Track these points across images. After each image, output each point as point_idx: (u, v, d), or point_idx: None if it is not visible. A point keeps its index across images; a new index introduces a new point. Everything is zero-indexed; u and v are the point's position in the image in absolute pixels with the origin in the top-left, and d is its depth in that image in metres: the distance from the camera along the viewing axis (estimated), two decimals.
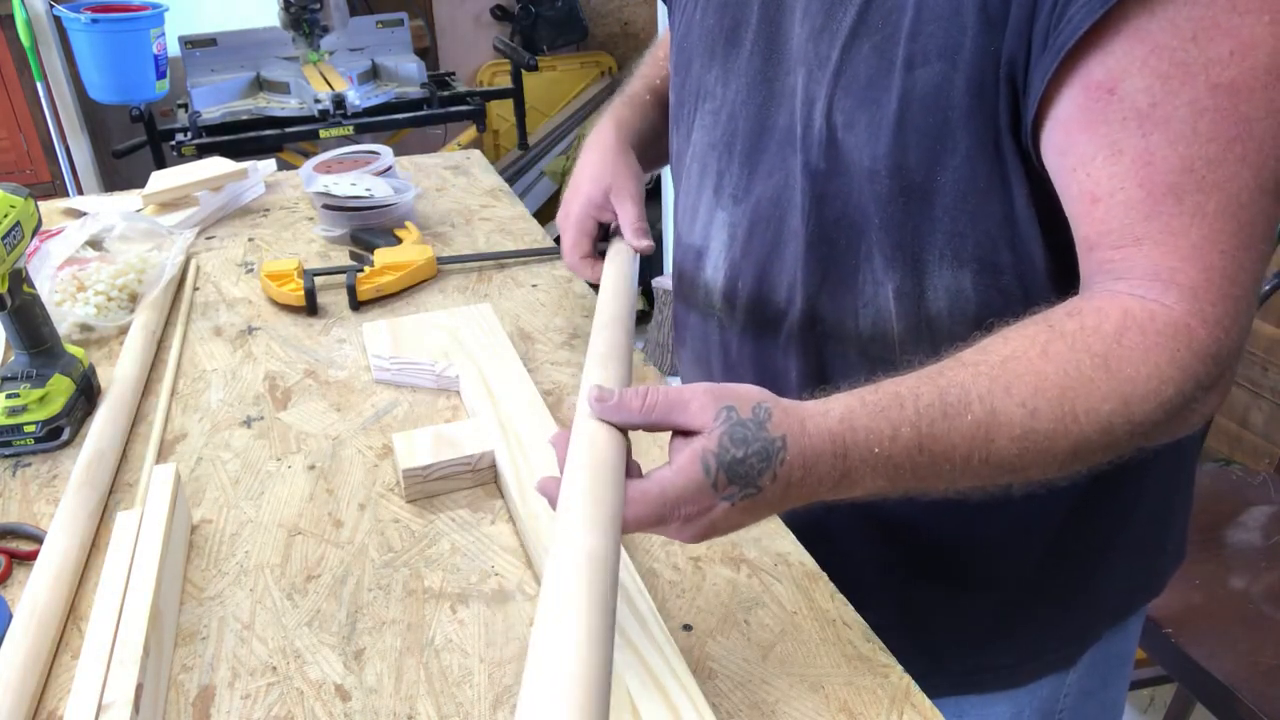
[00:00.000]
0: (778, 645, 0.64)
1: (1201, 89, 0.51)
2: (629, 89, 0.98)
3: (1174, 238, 0.53)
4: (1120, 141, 0.53)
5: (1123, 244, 0.55)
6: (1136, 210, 0.54)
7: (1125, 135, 0.53)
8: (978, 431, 0.52)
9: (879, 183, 0.63)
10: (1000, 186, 0.60)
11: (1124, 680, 0.88)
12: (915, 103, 0.60)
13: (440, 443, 0.79)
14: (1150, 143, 0.52)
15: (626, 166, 0.88)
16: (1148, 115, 0.52)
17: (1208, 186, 0.52)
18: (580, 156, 0.91)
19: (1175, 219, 0.53)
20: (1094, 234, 0.56)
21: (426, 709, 0.60)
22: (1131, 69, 0.52)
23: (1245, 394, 2.05)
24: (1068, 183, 0.57)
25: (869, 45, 0.61)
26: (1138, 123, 0.53)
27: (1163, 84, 0.52)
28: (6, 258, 0.80)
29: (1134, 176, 0.53)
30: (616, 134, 0.90)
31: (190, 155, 2.19)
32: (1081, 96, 0.54)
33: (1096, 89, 0.53)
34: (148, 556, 0.65)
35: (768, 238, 0.72)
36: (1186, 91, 0.51)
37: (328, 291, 1.12)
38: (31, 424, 0.84)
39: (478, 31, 3.37)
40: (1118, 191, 0.54)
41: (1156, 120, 0.52)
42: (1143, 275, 0.54)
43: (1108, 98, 0.53)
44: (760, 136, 0.71)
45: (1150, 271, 0.54)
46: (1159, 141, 0.52)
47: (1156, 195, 0.53)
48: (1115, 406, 0.52)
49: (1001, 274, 0.63)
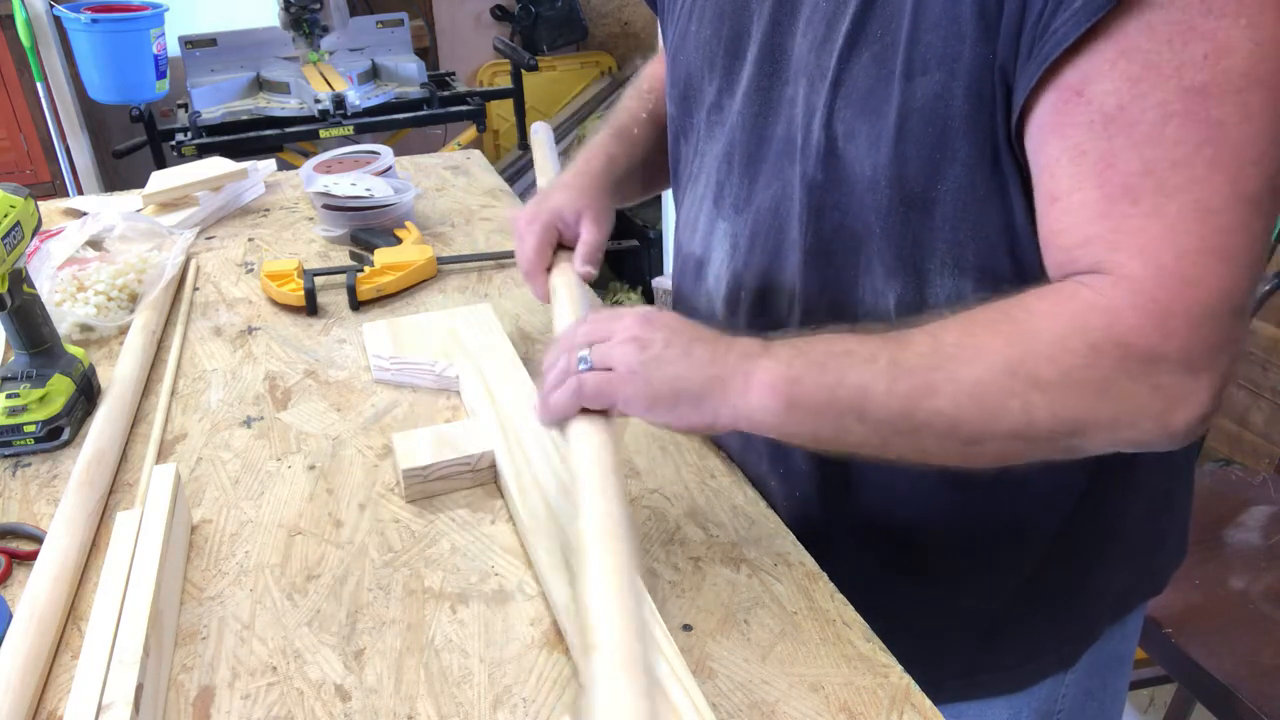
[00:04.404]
0: (778, 645, 0.64)
1: (1172, 92, 0.50)
2: (616, 121, 0.95)
3: (1124, 237, 0.52)
4: (1084, 144, 0.53)
5: (1071, 244, 0.55)
6: (1088, 210, 0.53)
7: (1090, 138, 0.53)
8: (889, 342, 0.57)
9: (879, 193, 0.63)
10: (999, 195, 0.60)
11: (1123, 681, 0.88)
12: (915, 112, 0.60)
13: (440, 443, 0.79)
14: (1113, 145, 0.52)
15: (605, 198, 0.85)
16: (1114, 118, 0.52)
17: (1169, 189, 0.51)
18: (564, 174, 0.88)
19: (1128, 220, 0.52)
20: (1048, 233, 0.56)
21: (426, 709, 0.60)
22: (1102, 71, 0.52)
23: (1245, 394, 2.05)
24: (1036, 183, 0.57)
25: (868, 55, 0.61)
26: (1103, 125, 0.52)
27: (1132, 87, 0.51)
28: (6, 258, 0.80)
29: (1093, 178, 0.53)
30: (605, 167, 0.88)
31: (190, 155, 2.19)
32: (1054, 99, 0.54)
33: (1067, 91, 0.53)
34: (148, 556, 0.65)
35: (769, 247, 0.72)
36: (1156, 94, 0.51)
37: (328, 291, 1.12)
38: (31, 424, 0.84)
39: (478, 31, 3.37)
40: (1075, 192, 0.54)
41: (1122, 123, 0.52)
42: (1086, 268, 0.54)
43: (1076, 100, 0.53)
44: (759, 147, 0.71)
45: (1094, 265, 0.54)
46: (1122, 144, 0.52)
47: (1112, 197, 0.52)
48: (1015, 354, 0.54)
49: (1002, 282, 0.63)
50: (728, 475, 0.80)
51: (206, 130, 2.29)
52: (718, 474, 0.81)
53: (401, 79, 2.55)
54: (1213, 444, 2.13)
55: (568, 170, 0.88)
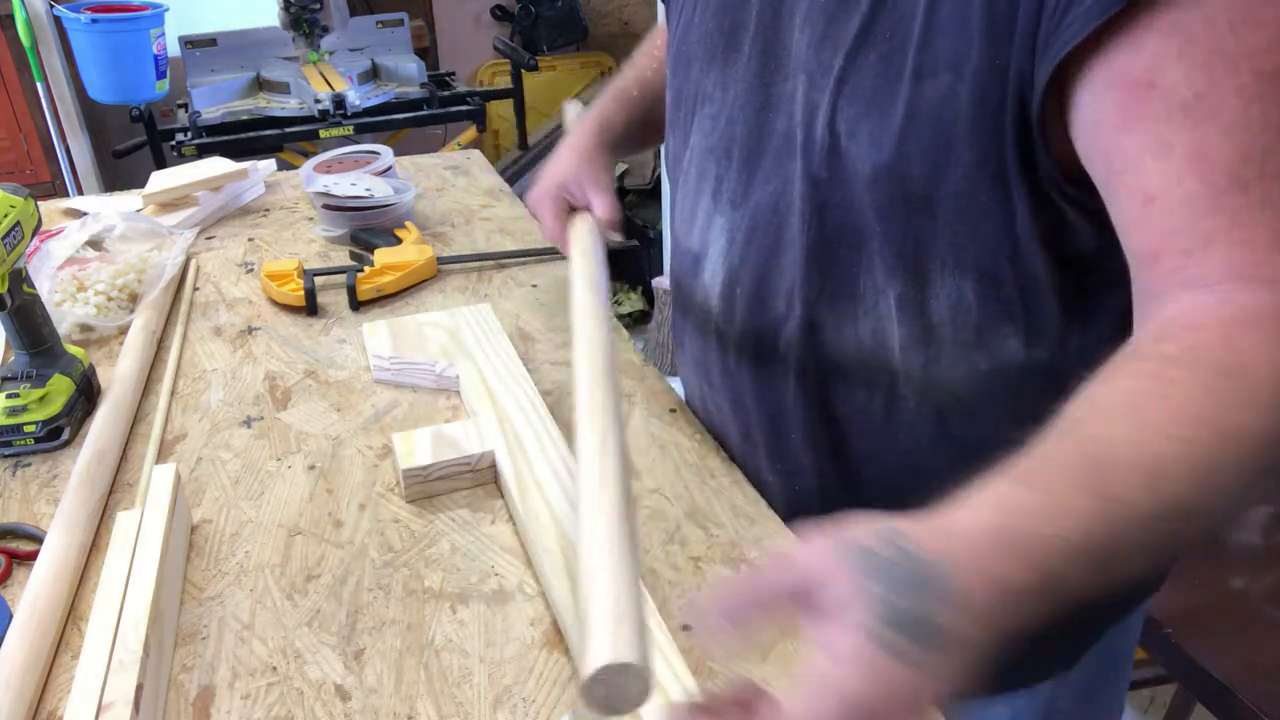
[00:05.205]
0: (778, 645, 0.64)
1: (1247, 77, 0.48)
2: (619, 82, 0.99)
3: (1247, 230, 0.49)
4: (1167, 136, 0.50)
5: (1192, 246, 0.50)
6: (1199, 205, 0.50)
7: (1172, 130, 0.50)
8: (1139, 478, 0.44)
9: (880, 192, 0.63)
10: (1002, 201, 0.60)
11: (1124, 678, 0.88)
12: (921, 114, 0.59)
13: (440, 443, 0.79)
14: (1202, 134, 0.49)
15: (601, 162, 0.92)
16: (1194, 106, 0.49)
17: (1270, 174, 0.49)
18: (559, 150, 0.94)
19: (1245, 211, 0.49)
20: (1154, 238, 0.52)
21: (426, 709, 0.60)
22: (1168, 61, 0.50)
23: None
24: (1115, 189, 0.54)
25: (875, 55, 0.61)
26: (1184, 115, 0.50)
27: (1205, 74, 0.49)
28: (6, 258, 0.80)
29: (1190, 170, 0.50)
30: (596, 136, 0.94)
31: (190, 155, 2.19)
32: (1118, 96, 0.52)
33: (1134, 85, 0.51)
34: (148, 556, 0.65)
35: (766, 244, 0.72)
36: (1231, 80, 0.49)
37: (328, 291, 1.12)
38: (31, 424, 0.84)
39: (478, 31, 3.37)
40: (1174, 188, 0.50)
41: (1204, 111, 0.49)
42: (1223, 278, 0.49)
43: (1147, 93, 0.50)
44: (759, 142, 0.71)
45: (1231, 272, 0.49)
46: (1211, 132, 0.49)
47: (1219, 188, 0.49)
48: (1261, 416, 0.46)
49: (1002, 286, 0.63)
50: (728, 475, 0.80)
51: (206, 130, 2.29)
52: (718, 474, 0.81)
53: (401, 79, 2.54)
54: None
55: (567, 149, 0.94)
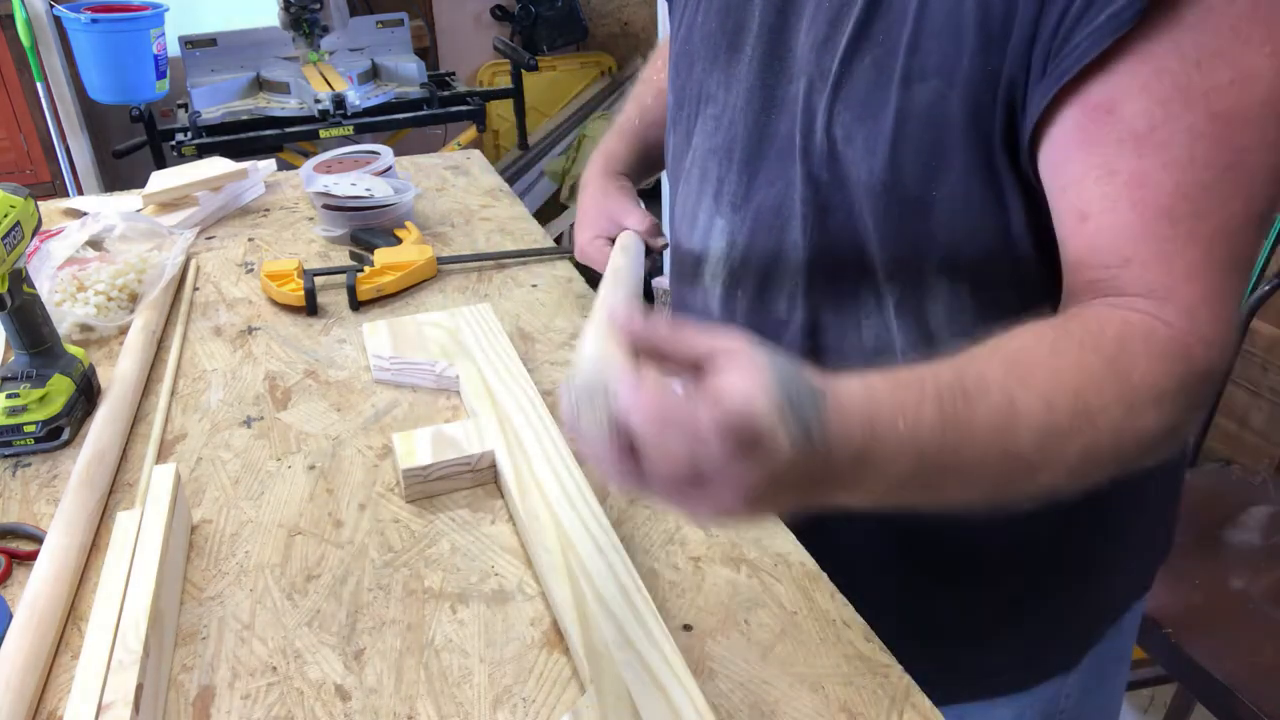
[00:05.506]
0: (778, 645, 0.64)
1: (1200, 116, 0.51)
2: (618, 120, 1.00)
3: (1167, 259, 0.53)
4: (1114, 162, 0.53)
5: (1110, 264, 0.54)
6: (1127, 231, 0.53)
7: (1120, 156, 0.53)
8: (998, 419, 0.48)
9: (876, 196, 0.63)
10: (996, 204, 0.60)
11: (1122, 676, 0.88)
12: (911, 119, 0.59)
13: (440, 443, 0.79)
14: (1145, 165, 0.52)
15: (617, 185, 0.92)
16: (1145, 138, 0.52)
17: (1202, 212, 0.52)
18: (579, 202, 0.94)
19: (1169, 242, 0.53)
20: (1082, 251, 0.56)
21: (426, 709, 0.60)
22: (1133, 91, 0.52)
23: (1245, 394, 2.05)
24: (1059, 200, 0.57)
25: (869, 59, 0.61)
26: (1134, 144, 0.52)
27: (1163, 108, 0.51)
28: (6, 258, 0.80)
29: (1126, 197, 0.53)
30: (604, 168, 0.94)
31: (190, 155, 2.19)
32: (1079, 116, 0.54)
33: (1095, 109, 0.53)
34: (148, 556, 0.65)
35: (768, 247, 0.72)
36: (1186, 117, 0.51)
37: (328, 291, 1.12)
38: (31, 424, 0.84)
39: (478, 31, 3.37)
40: (1108, 211, 0.54)
41: (1154, 144, 0.52)
42: (1136, 292, 0.53)
43: (1106, 118, 0.53)
44: (760, 144, 0.71)
45: (1144, 289, 0.53)
46: (1154, 164, 0.52)
47: (1148, 218, 0.53)
48: (1123, 412, 0.50)
49: (999, 289, 0.64)
50: None
51: (206, 130, 2.29)
52: None
53: (401, 79, 2.54)
54: (1213, 444, 2.12)
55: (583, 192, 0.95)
